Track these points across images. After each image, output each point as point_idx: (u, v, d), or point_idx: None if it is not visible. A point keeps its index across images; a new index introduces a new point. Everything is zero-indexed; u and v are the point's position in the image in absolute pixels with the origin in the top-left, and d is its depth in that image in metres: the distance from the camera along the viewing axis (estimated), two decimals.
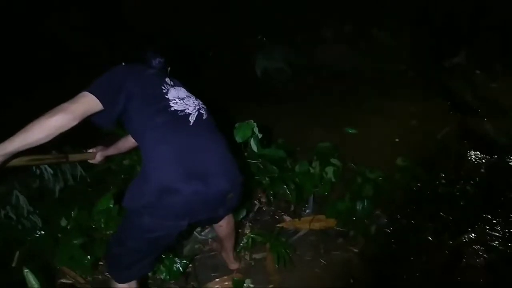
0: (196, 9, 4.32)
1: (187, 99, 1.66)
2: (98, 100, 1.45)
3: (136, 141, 1.62)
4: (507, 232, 2.47)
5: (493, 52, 3.99)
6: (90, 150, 2.01)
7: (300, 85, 3.95)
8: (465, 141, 3.21)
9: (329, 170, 2.68)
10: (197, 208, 1.52)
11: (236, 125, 2.43)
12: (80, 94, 1.45)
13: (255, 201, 2.54)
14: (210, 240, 2.39)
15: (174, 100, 1.61)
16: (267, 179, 2.43)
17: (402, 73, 4.00)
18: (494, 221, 2.56)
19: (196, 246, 2.35)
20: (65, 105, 1.39)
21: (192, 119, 1.58)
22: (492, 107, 3.48)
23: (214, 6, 4.36)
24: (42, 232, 2.22)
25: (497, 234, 2.48)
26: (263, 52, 4.24)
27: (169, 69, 1.90)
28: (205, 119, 1.64)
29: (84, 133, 1.60)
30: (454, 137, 3.27)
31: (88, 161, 2.02)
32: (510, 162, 3.00)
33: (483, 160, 3.03)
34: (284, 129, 3.20)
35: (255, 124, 2.45)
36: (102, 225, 2.10)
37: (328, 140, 2.92)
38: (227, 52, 4.32)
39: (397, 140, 3.28)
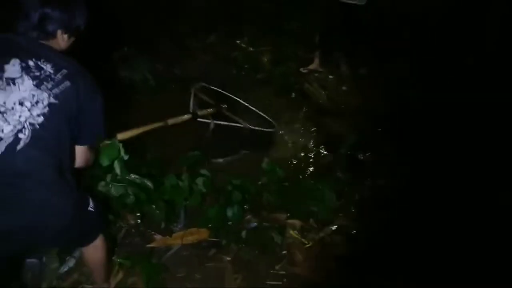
0: None
1: (13, 111, 1.33)
2: None
3: None
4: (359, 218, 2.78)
5: (340, 56, 4.47)
6: None
7: (165, 96, 3.86)
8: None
9: (199, 181, 2.69)
10: None
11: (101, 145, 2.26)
12: None
13: (122, 224, 2.40)
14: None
15: None
16: (133, 199, 2.32)
17: (265, 80, 4.20)
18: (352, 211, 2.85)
19: (54, 283, 2.11)
20: None
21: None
22: (342, 108, 3.91)
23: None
24: None
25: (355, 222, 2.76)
26: (128, 63, 4.06)
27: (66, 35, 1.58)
28: (21, 148, 1.33)
29: None
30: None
31: None
32: (359, 156, 3.38)
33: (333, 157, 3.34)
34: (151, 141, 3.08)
35: (120, 144, 2.30)
36: None
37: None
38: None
39: None
